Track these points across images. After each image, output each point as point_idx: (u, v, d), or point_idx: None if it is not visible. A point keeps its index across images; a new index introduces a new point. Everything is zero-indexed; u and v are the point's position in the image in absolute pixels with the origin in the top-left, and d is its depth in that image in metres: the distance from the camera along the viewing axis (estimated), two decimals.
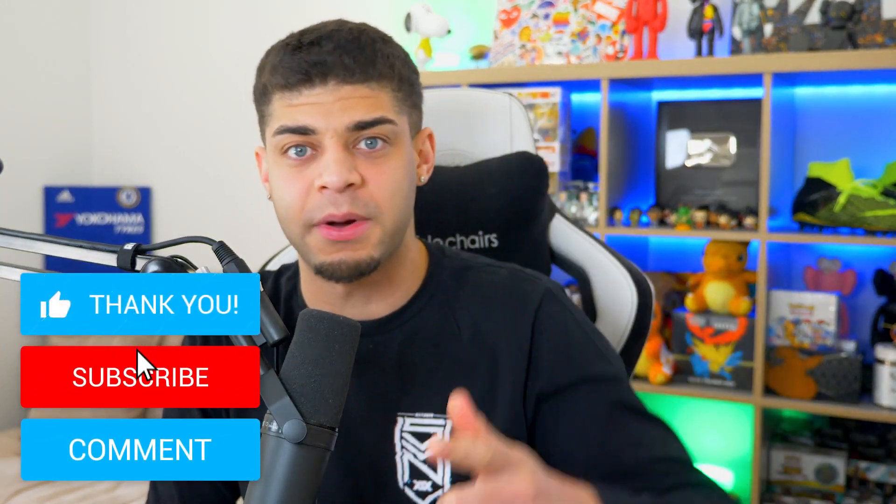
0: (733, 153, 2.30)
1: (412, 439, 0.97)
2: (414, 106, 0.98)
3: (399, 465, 0.97)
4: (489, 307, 0.99)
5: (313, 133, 0.90)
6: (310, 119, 0.90)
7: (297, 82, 0.90)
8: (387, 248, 0.94)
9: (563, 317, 0.99)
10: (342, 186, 0.89)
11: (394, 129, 0.93)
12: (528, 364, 0.97)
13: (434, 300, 1.01)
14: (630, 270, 1.22)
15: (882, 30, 2.13)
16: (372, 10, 2.77)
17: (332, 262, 0.92)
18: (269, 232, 3.13)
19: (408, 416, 0.97)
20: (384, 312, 1.00)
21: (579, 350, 0.98)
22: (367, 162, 0.92)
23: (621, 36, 2.32)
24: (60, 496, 2.37)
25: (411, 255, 1.01)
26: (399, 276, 1.00)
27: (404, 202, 0.95)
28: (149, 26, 3.21)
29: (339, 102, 0.90)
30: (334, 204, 0.90)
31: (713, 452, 2.44)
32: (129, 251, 0.84)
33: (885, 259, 2.21)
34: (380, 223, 0.92)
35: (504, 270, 1.03)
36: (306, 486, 0.77)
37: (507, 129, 1.26)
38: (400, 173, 0.94)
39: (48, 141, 3.16)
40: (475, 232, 1.18)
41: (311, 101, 0.90)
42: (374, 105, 0.91)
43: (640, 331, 1.21)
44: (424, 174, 1.02)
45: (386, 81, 0.92)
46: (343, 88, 0.90)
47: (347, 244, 0.92)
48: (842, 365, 2.07)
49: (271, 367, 0.78)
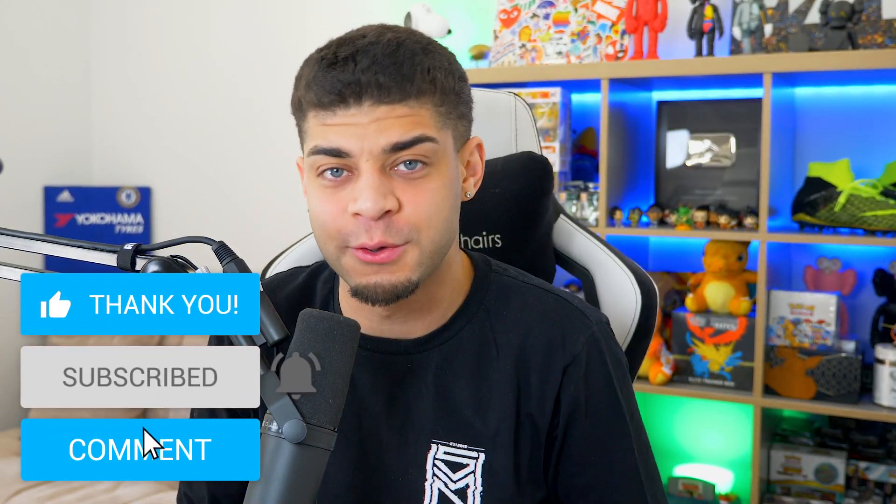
0: (733, 153, 2.30)
1: (444, 467, 0.95)
2: (460, 117, 0.93)
3: (427, 492, 0.95)
4: (530, 335, 0.96)
5: (348, 156, 0.86)
6: (344, 141, 0.86)
7: (331, 103, 0.86)
8: (426, 270, 0.90)
9: (598, 368, 0.96)
10: (377, 214, 0.85)
11: (434, 148, 0.88)
12: (555, 406, 0.95)
13: (475, 320, 0.98)
14: (634, 271, 1.21)
15: (882, 30, 2.13)
16: (372, 10, 2.77)
17: (368, 284, 0.89)
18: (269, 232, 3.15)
19: (442, 445, 0.95)
20: (423, 331, 0.97)
21: (601, 405, 0.96)
22: (406, 184, 0.87)
23: (621, 36, 2.32)
24: (60, 496, 2.37)
25: (453, 273, 0.98)
26: (440, 295, 0.97)
27: (444, 224, 0.90)
28: (149, 27, 3.21)
29: (374, 124, 0.85)
30: (367, 232, 0.86)
31: (713, 452, 2.44)
32: (129, 251, 0.84)
33: (885, 259, 2.21)
34: (417, 244, 0.88)
35: (552, 297, 1.00)
36: (306, 487, 0.77)
37: (512, 128, 1.26)
38: (440, 195, 0.89)
39: (48, 141, 3.16)
40: (479, 232, 1.18)
41: (345, 122, 0.86)
42: (412, 124, 0.86)
43: (645, 331, 1.21)
44: (472, 188, 0.97)
45: (426, 97, 0.87)
46: (379, 109, 0.85)
47: (384, 266, 0.88)
48: (842, 365, 2.07)
49: (271, 367, 0.78)
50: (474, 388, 0.96)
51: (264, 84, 2.98)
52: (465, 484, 0.94)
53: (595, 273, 1.23)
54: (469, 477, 0.94)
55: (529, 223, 1.19)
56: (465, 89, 0.93)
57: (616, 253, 1.24)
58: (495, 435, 0.94)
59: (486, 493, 0.94)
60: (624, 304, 1.20)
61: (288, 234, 1.53)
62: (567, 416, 0.95)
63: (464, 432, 0.95)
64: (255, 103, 3.01)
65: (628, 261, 1.23)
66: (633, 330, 1.20)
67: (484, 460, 0.94)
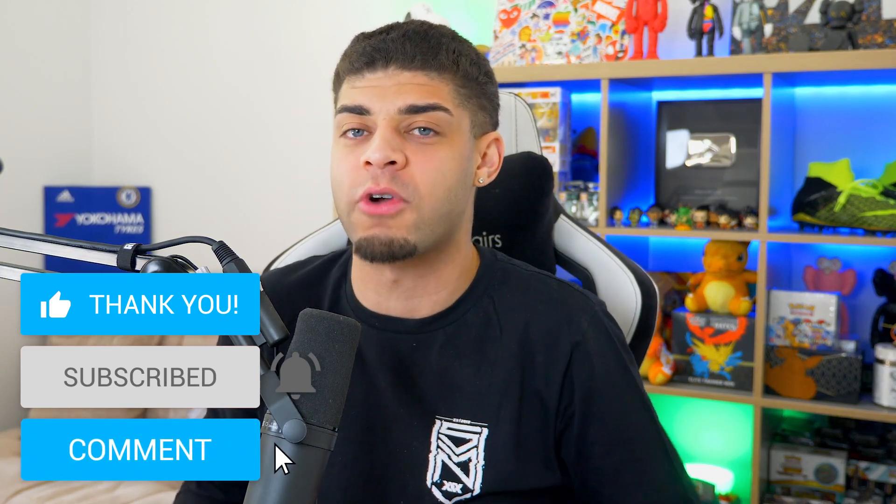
0: (733, 153, 2.30)
1: (448, 441, 0.98)
2: (481, 107, 0.99)
3: (431, 463, 0.97)
4: (534, 316, 1.00)
5: (368, 113, 0.93)
6: (366, 100, 0.93)
7: (362, 66, 0.94)
8: (424, 236, 0.94)
9: (606, 344, 1.00)
10: (383, 162, 0.90)
11: (448, 119, 0.94)
12: (563, 383, 0.97)
13: (480, 304, 1.01)
14: (634, 271, 1.22)
15: (882, 30, 2.13)
16: (372, 10, 2.77)
17: (367, 236, 0.93)
18: (269, 232, 3.16)
19: (445, 420, 0.98)
20: (429, 312, 1.00)
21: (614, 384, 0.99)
22: (416, 147, 0.93)
23: (621, 36, 2.32)
24: (60, 496, 2.37)
25: (462, 257, 1.01)
26: (446, 275, 1.00)
27: (447, 193, 0.94)
28: (149, 26, 3.21)
29: (395, 87, 0.92)
30: (374, 178, 0.91)
31: (713, 452, 2.44)
32: (129, 251, 0.84)
33: (885, 259, 2.21)
34: (416, 208, 0.93)
35: (555, 281, 1.05)
36: (306, 486, 0.77)
37: (512, 129, 1.26)
38: (448, 164, 0.94)
39: (48, 141, 3.16)
40: (479, 232, 1.18)
41: (371, 84, 0.93)
42: (430, 92, 0.93)
43: (645, 331, 1.21)
44: (484, 177, 1.02)
45: (448, 73, 0.94)
46: (402, 74, 0.93)
47: (382, 220, 0.92)
48: (842, 365, 2.07)
49: (271, 367, 0.78)
50: (476, 366, 0.98)
51: (264, 84, 2.98)
52: (467, 458, 0.96)
53: (595, 273, 1.23)
54: (472, 451, 0.97)
55: (529, 223, 1.20)
56: (489, 86, 1.01)
57: (616, 253, 1.24)
58: (498, 410, 0.97)
59: (488, 466, 0.96)
60: (624, 304, 1.21)
61: (288, 234, 1.53)
62: (584, 396, 0.97)
63: (466, 408, 0.98)
64: (255, 103, 3.01)
65: (628, 261, 1.23)
66: (633, 330, 1.21)
67: (487, 435, 0.96)
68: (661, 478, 1.00)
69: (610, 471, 0.99)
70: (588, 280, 1.23)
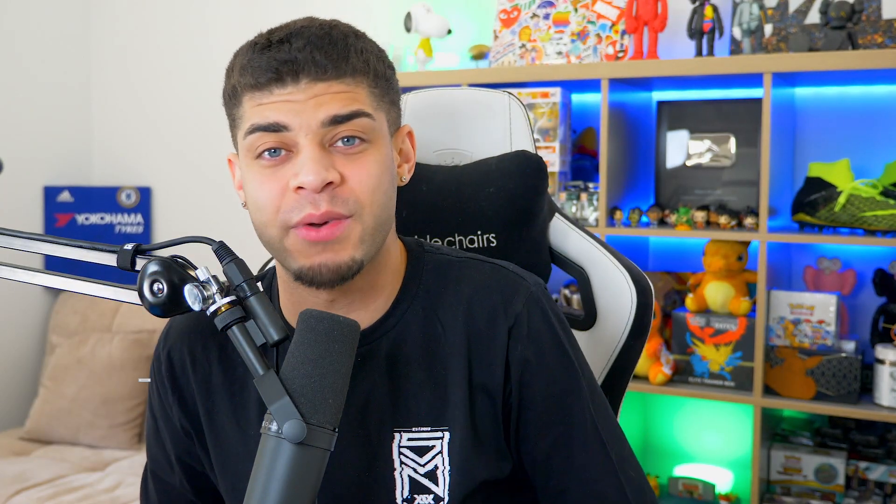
0: (733, 153, 2.30)
1: (410, 454, 0.95)
2: (392, 103, 0.95)
3: (399, 481, 0.95)
4: (472, 306, 0.96)
5: (286, 130, 0.86)
6: (280, 116, 0.86)
7: (268, 81, 0.86)
8: (368, 249, 0.90)
9: (541, 324, 0.96)
10: (319, 186, 0.85)
11: (371, 125, 0.89)
12: (506, 369, 0.95)
13: (417, 302, 0.98)
14: (630, 270, 1.22)
15: (882, 30, 2.13)
16: (372, 10, 2.77)
17: (313, 265, 0.88)
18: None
19: (404, 432, 0.95)
20: (369, 321, 0.96)
21: (550, 365, 0.96)
22: (345, 159, 0.88)
23: (621, 36, 2.32)
24: (60, 496, 2.37)
25: (392, 258, 0.98)
26: (381, 282, 0.96)
27: (385, 199, 0.91)
28: (148, 27, 3.21)
29: (312, 100, 0.86)
30: (313, 203, 0.86)
31: (713, 452, 2.44)
32: (129, 251, 0.85)
33: (885, 259, 2.21)
34: (360, 221, 0.88)
35: (487, 265, 1.01)
36: (306, 486, 0.77)
37: (507, 128, 1.26)
38: (380, 169, 0.90)
39: (48, 141, 3.16)
40: (474, 231, 1.18)
41: (283, 99, 0.86)
42: (349, 100, 0.87)
43: (641, 330, 1.21)
44: (406, 173, 0.99)
45: (361, 76, 0.89)
46: (316, 86, 0.86)
47: (328, 245, 0.87)
48: (842, 365, 2.07)
49: (271, 367, 0.78)
50: (427, 369, 0.96)
51: None
52: (433, 466, 0.94)
53: (590, 271, 1.23)
54: (437, 458, 0.94)
55: (524, 222, 1.19)
56: (394, 79, 0.96)
57: (611, 251, 1.24)
58: (455, 410, 0.94)
59: (455, 470, 0.94)
60: (619, 303, 1.21)
61: None
62: (519, 377, 0.94)
63: (425, 414, 0.95)
64: None
65: (624, 259, 1.23)
66: (628, 328, 1.20)
67: (449, 439, 0.94)
68: (592, 467, 0.95)
69: (541, 457, 0.96)
70: (583, 278, 1.23)
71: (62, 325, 3.01)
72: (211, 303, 0.79)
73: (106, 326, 2.94)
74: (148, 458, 1.10)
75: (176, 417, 1.03)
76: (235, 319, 0.79)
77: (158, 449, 1.07)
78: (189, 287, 0.79)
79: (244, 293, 0.80)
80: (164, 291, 0.80)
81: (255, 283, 0.81)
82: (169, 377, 1.03)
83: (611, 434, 0.98)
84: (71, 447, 2.73)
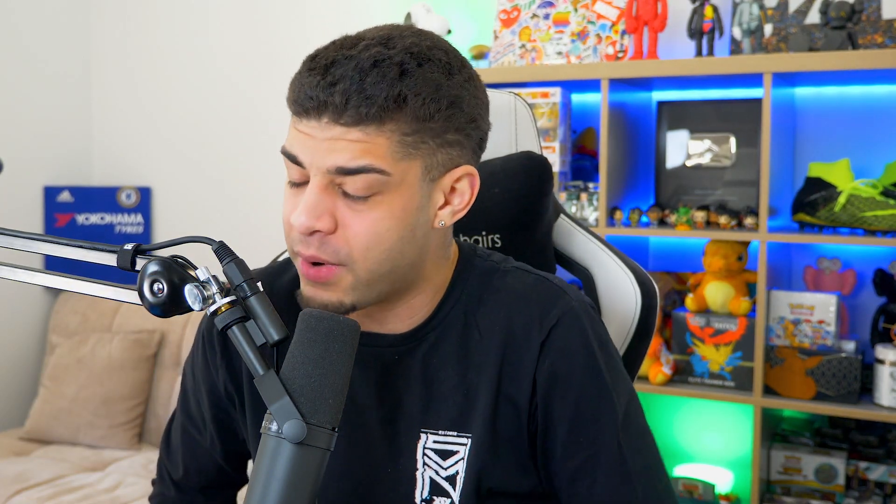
0: (733, 153, 2.30)
1: (434, 456, 0.95)
2: (444, 144, 0.88)
3: (420, 481, 0.95)
4: (512, 315, 0.95)
5: (301, 165, 0.87)
6: (300, 150, 0.87)
7: (296, 112, 0.87)
8: (362, 295, 0.89)
9: (576, 341, 0.94)
10: (306, 232, 0.86)
11: (383, 180, 0.85)
12: (533, 382, 0.93)
13: (458, 307, 0.97)
14: (634, 271, 1.22)
15: (882, 30, 2.13)
16: (372, 10, 2.77)
17: (306, 295, 0.90)
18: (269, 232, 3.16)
19: (431, 434, 0.95)
20: (409, 326, 0.97)
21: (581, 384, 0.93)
22: (348, 208, 0.86)
23: (621, 36, 2.32)
24: (60, 496, 2.37)
25: (432, 284, 0.97)
26: (419, 301, 0.96)
27: (386, 254, 0.88)
28: (149, 26, 3.21)
29: (327, 142, 0.84)
30: (303, 243, 0.87)
31: (713, 452, 2.44)
32: (129, 251, 0.84)
33: (885, 259, 2.21)
34: (352, 272, 0.88)
35: (532, 276, 0.99)
36: (306, 486, 0.77)
37: (512, 128, 1.26)
38: (385, 224, 0.86)
39: (48, 141, 3.16)
40: (478, 232, 1.18)
41: (306, 132, 0.86)
42: (363, 151, 0.84)
43: (645, 331, 1.21)
44: (447, 217, 0.92)
45: (389, 125, 0.84)
46: (334, 129, 0.84)
47: (317, 284, 0.89)
48: (842, 365, 2.07)
49: (271, 367, 0.78)
50: (461, 374, 0.95)
51: (265, 83, 2.98)
52: (455, 471, 0.95)
53: (595, 273, 1.23)
54: (459, 464, 0.95)
55: (529, 223, 1.19)
56: (458, 115, 0.88)
57: (616, 253, 1.24)
58: (479, 418, 0.94)
59: (468, 477, 0.94)
60: (624, 304, 1.21)
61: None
62: (545, 392, 0.93)
63: (452, 419, 0.95)
64: (255, 103, 3.01)
65: (628, 260, 1.23)
66: (633, 330, 1.20)
67: (470, 445, 0.94)
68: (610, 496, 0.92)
69: (567, 479, 0.94)
70: (588, 279, 1.23)
71: (62, 325, 3.01)
72: (211, 303, 0.79)
73: (106, 326, 2.94)
74: (180, 414, 1.11)
75: (221, 381, 1.04)
76: (235, 319, 0.79)
77: (195, 408, 1.09)
78: (189, 287, 0.79)
79: (244, 293, 0.80)
80: (164, 291, 0.80)
81: (255, 282, 0.81)
82: (220, 340, 1.04)
83: (642, 467, 0.94)
84: (71, 447, 2.73)
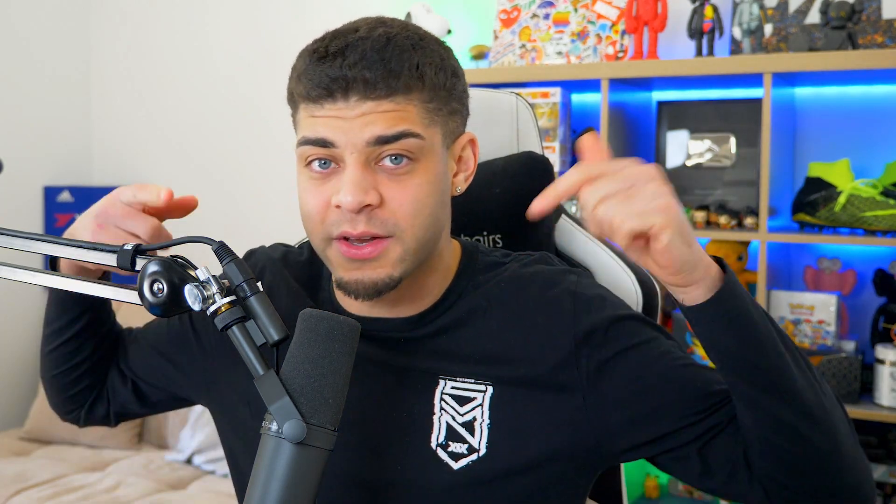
0: (733, 153, 2.30)
1: (452, 402, 0.96)
2: (452, 112, 0.94)
3: (436, 425, 0.95)
4: (521, 291, 0.98)
5: (334, 146, 0.88)
6: (330, 133, 0.88)
7: (319, 96, 0.88)
8: (408, 266, 0.92)
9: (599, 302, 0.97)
10: (357, 208, 0.87)
11: (419, 144, 0.89)
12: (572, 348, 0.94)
13: (465, 295, 0.99)
14: (635, 271, 1.22)
15: (882, 30, 2.13)
16: (372, 10, 2.76)
17: (350, 280, 0.91)
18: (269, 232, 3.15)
19: (449, 380, 0.96)
20: (413, 312, 0.99)
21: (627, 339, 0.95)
22: (389, 180, 0.89)
23: (621, 36, 2.32)
24: (60, 496, 2.37)
25: (444, 262, 0.99)
26: (429, 284, 0.98)
27: (429, 220, 0.92)
28: (149, 26, 3.21)
29: (360, 118, 0.87)
30: (350, 222, 0.89)
31: None
32: (129, 251, 0.85)
33: (885, 259, 2.21)
34: (401, 241, 0.90)
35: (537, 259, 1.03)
36: (306, 486, 0.77)
37: (514, 128, 1.25)
38: (425, 190, 0.91)
39: (48, 141, 3.16)
40: (480, 232, 1.18)
41: (332, 115, 0.88)
42: (397, 119, 0.88)
43: None
44: (462, 183, 0.99)
45: (413, 94, 0.89)
46: (365, 104, 0.87)
47: (365, 262, 0.90)
48: (842, 365, 2.07)
49: (271, 367, 0.78)
50: (475, 338, 0.97)
51: (264, 83, 2.98)
52: (472, 417, 0.95)
53: (596, 272, 1.23)
54: (476, 410, 0.95)
55: (530, 223, 1.19)
56: (458, 85, 0.95)
57: (617, 253, 1.24)
58: (500, 371, 0.95)
59: (493, 425, 0.94)
60: None
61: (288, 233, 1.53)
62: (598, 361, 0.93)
63: (470, 369, 0.96)
64: (255, 102, 3.01)
65: (629, 260, 1.23)
66: None
67: (492, 394, 0.95)
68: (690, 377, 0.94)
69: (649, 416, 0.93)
70: None
71: None
72: (211, 303, 0.79)
73: None
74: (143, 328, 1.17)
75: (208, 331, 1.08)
76: (235, 319, 0.79)
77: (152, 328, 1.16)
78: (189, 287, 0.79)
79: (244, 293, 0.80)
80: (164, 291, 0.80)
81: (255, 282, 0.81)
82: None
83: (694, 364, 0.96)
84: (71, 447, 2.73)
